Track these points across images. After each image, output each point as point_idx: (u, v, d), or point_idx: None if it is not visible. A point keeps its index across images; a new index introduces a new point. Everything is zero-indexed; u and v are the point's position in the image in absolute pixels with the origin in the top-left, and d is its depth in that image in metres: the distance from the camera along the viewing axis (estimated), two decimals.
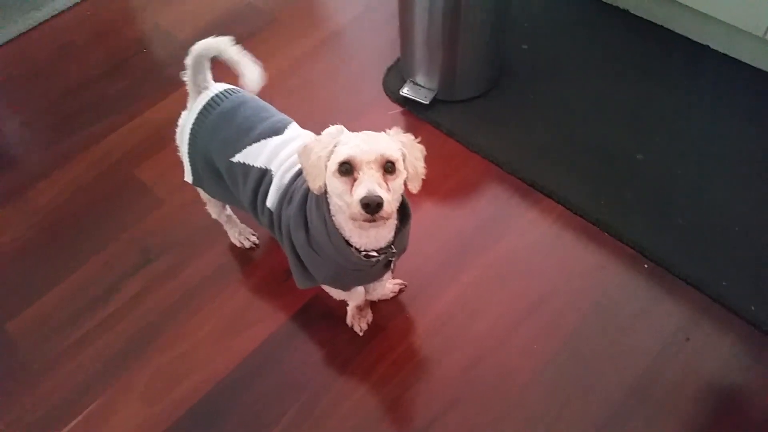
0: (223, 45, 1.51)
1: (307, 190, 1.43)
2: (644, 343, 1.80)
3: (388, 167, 1.26)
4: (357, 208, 1.20)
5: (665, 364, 1.76)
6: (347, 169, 1.25)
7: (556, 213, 2.08)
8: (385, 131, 1.33)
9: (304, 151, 1.33)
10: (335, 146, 1.29)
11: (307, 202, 1.43)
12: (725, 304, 1.85)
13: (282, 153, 1.53)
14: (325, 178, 1.29)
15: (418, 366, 1.80)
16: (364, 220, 1.22)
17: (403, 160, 1.30)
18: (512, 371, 1.77)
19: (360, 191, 1.20)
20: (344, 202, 1.25)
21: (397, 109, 2.41)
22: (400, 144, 1.31)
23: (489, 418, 1.70)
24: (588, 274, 1.94)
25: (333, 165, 1.26)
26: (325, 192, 1.34)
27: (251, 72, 1.49)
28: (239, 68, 1.50)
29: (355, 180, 1.24)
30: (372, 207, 1.19)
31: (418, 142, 1.37)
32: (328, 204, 1.37)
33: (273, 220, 1.55)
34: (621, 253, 1.98)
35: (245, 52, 1.50)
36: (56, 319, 1.96)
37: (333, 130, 1.34)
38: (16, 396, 1.82)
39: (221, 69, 1.63)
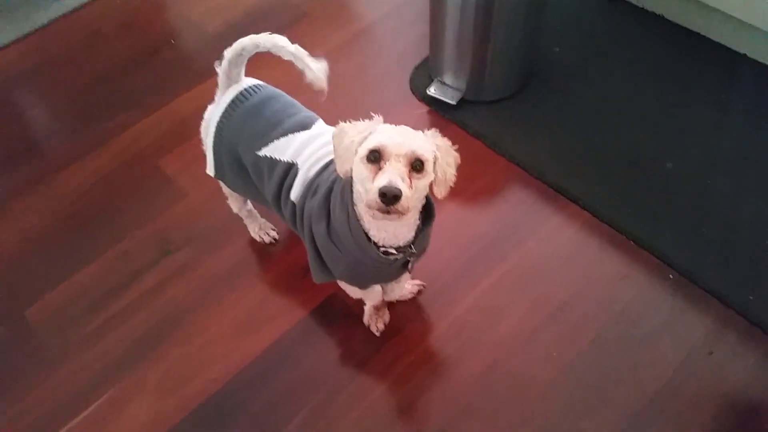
0: (281, 42, 1.50)
1: (333, 182, 1.44)
2: (666, 354, 1.77)
3: (416, 165, 1.25)
4: (374, 196, 1.20)
5: (687, 377, 1.72)
6: (376, 157, 1.24)
7: (582, 220, 2.04)
8: (423, 131, 1.31)
9: (339, 133, 1.33)
10: (370, 133, 1.28)
11: (331, 193, 1.43)
12: (750, 318, 1.80)
13: (309, 148, 1.54)
14: (353, 163, 1.29)
15: (435, 370, 1.78)
16: (378, 209, 1.21)
17: (434, 163, 1.29)
18: (530, 379, 1.74)
19: (381, 180, 1.20)
20: (365, 188, 1.25)
21: (423, 109, 2.39)
22: (434, 146, 1.30)
23: (504, 427, 1.67)
24: (611, 282, 1.91)
25: (363, 150, 1.25)
26: (352, 180, 1.34)
27: (318, 67, 1.49)
28: (302, 66, 1.50)
29: (380, 169, 1.23)
30: (388, 198, 1.18)
31: (455, 149, 1.35)
32: (352, 193, 1.36)
33: (295, 212, 1.55)
34: (646, 263, 1.94)
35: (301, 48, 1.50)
36: (74, 308, 1.97)
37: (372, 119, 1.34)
38: (33, 382, 1.83)
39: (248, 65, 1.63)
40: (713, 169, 2.12)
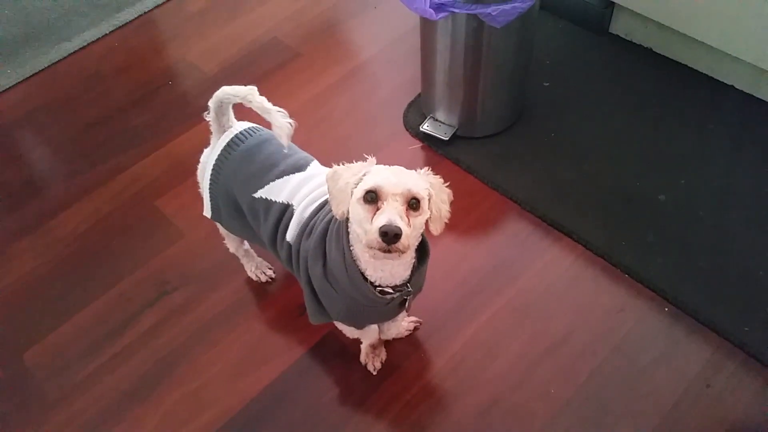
0: (249, 95, 1.52)
1: (329, 222, 1.45)
2: (663, 388, 1.77)
3: (413, 203, 1.27)
4: (375, 236, 1.21)
5: (685, 411, 1.72)
6: (372, 197, 1.26)
7: (576, 253, 2.05)
8: (416, 170, 1.34)
9: (333, 176, 1.35)
10: (364, 175, 1.31)
11: (327, 234, 1.45)
12: (747, 349, 1.81)
13: (304, 188, 1.56)
14: (349, 205, 1.30)
15: (433, 408, 1.77)
16: (380, 249, 1.22)
17: (429, 201, 1.31)
18: (528, 415, 1.74)
19: (381, 220, 1.21)
20: (363, 229, 1.26)
21: (416, 145, 2.42)
22: (428, 184, 1.33)
23: None
24: (607, 316, 1.91)
25: (359, 192, 1.27)
26: (347, 221, 1.35)
27: (281, 124, 1.50)
28: (268, 118, 1.52)
29: (377, 209, 1.25)
30: (390, 237, 1.20)
31: (447, 186, 1.38)
32: (348, 234, 1.37)
33: (291, 253, 1.56)
34: (641, 296, 1.94)
35: (268, 102, 1.52)
36: (73, 350, 1.97)
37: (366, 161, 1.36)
38: (31, 427, 1.83)
39: (244, 109, 1.66)
40: (706, 201, 2.14)
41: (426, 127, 2.40)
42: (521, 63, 2.25)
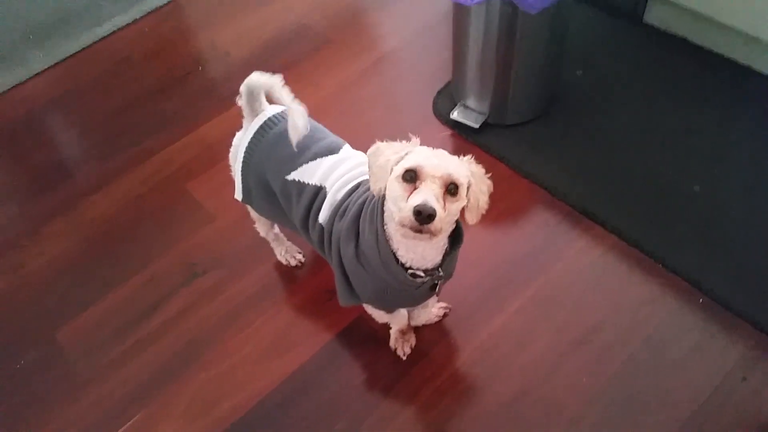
0: (274, 85, 1.52)
1: (362, 204, 1.45)
2: (697, 381, 1.74)
3: (451, 188, 1.26)
4: (408, 213, 1.20)
5: (719, 405, 1.69)
6: (411, 177, 1.25)
7: (608, 242, 2.03)
8: (459, 157, 1.33)
9: (375, 152, 1.35)
10: (406, 154, 1.30)
11: (361, 215, 1.45)
12: None
13: (336, 171, 1.56)
14: (387, 182, 1.30)
15: (462, 395, 1.76)
16: (411, 228, 1.22)
17: (467, 189, 1.30)
18: (558, 406, 1.72)
19: (416, 199, 1.21)
20: (398, 207, 1.26)
21: (446, 132, 2.40)
22: (469, 172, 1.31)
23: None
24: (639, 306, 1.89)
25: (399, 169, 1.27)
26: (383, 200, 1.35)
27: (296, 124, 1.49)
28: (288, 111, 1.51)
29: (415, 189, 1.24)
30: (423, 217, 1.19)
31: (488, 177, 1.36)
32: (383, 213, 1.37)
33: (323, 235, 1.56)
34: (675, 287, 1.91)
35: (293, 97, 1.51)
36: (104, 331, 1.99)
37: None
38: (62, 405, 1.85)
39: None
40: (741, 192, 2.10)
41: (456, 114, 2.38)
42: (554, 51, 2.23)
